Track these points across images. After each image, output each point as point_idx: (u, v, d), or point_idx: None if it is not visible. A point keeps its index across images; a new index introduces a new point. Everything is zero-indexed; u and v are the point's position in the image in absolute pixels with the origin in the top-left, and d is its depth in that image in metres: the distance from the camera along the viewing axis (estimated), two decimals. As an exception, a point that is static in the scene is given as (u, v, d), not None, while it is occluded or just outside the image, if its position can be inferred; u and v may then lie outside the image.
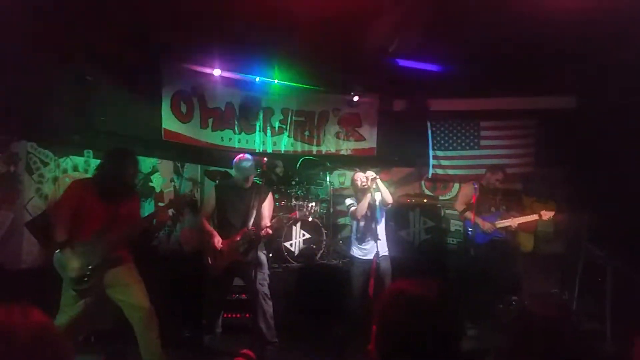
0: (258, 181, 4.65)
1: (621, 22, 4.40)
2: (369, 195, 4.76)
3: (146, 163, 6.08)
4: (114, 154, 3.79)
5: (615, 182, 5.76)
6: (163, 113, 5.88)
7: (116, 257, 3.67)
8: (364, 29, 5.02)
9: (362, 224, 4.91)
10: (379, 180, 4.75)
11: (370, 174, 4.77)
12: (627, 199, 5.48)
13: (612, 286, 4.87)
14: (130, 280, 3.74)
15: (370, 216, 4.84)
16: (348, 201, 5.10)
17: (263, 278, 4.56)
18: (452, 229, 7.08)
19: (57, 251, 3.55)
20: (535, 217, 5.56)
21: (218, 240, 4.46)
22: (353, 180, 5.04)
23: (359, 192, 4.95)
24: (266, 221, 4.54)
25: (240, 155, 4.61)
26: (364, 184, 4.85)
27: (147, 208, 6.02)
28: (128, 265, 3.79)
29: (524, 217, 5.60)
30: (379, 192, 4.75)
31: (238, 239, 4.45)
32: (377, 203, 4.79)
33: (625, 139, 5.54)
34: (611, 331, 4.63)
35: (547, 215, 5.53)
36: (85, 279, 3.55)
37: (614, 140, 5.80)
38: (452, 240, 7.08)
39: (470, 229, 5.59)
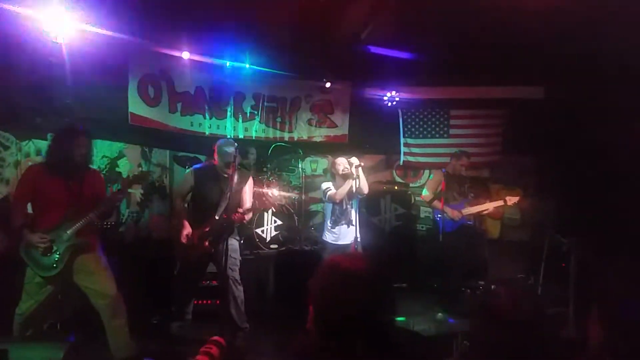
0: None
1: (590, 13, 4.48)
2: (350, 181, 4.75)
3: (112, 148, 5.92)
4: (62, 133, 3.65)
5: (580, 171, 5.93)
6: (130, 96, 5.70)
7: (84, 243, 3.58)
8: (337, 15, 4.98)
9: (337, 208, 4.92)
10: (360, 169, 4.75)
11: (355, 160, 4.74)
12: (591, 188, 5.65)
13: (575, 272, 5.03)
14: (97, 267, 3.66)
15: (347, 202, 4.86)
16: (325, 185, 5.08)
17: (234, 263, 4.51)
18: (422, 215, 7.17)
19: (23, 237, 3.45)
20: (500, 202, 5.69)
21: (188, 232, 4.39)
22: (335, 164, 4.98)
23: (338, 177, 4.92)
24: (246, 205, 4.48)
25: (223, 139, 4.48)
26: (345, 169, 4.83)
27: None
28: (95, 251, 3.70)
29: (490, 203, 5.72)
30: (358, 180, 4.75)
31: (207, 229, 4.39)
32: (354, 190, 4.78)
33: (592, 129, 5.69)
34: (574, 314, 4.79)
35: (511, 200, 5.67)
36: (54, 265, 3.47)
37: (581, 130, 5.95)
38: (422, 227, 7.18)
39: (439, 216, 5.69)
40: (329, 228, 5.01)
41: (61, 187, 3.53)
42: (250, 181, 4.65)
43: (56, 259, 3.47)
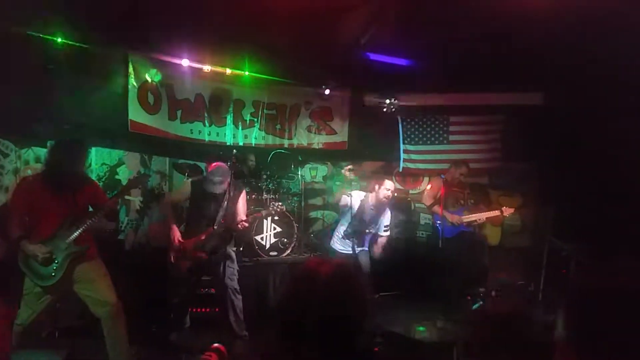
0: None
1: (589, 19, 4.49)
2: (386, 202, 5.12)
3: (112, 155, 5.92)
4: (58, 145, 3.70)
5: (580, 176, 5.92)
6: (129, 104, 5.72)
7: (81, 252, 3.58)
8: (336, 22, 4.99)
9: (356, 221, 5.11)
10: None
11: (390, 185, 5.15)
12: (591, 194, 5.64)
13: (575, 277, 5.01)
14: (96, 276, 3.66)
15: (367, 218, 5.20)
16: (359, 194, 5.31)
17: (232, 273, 4.55)
18: (422, 222, 7.15)
19: (21, 249, 3.45)
20: (497, 213, 5.70)
21: (178, 237, 4.44)
22: (382, 186, 5.17)
23: (379, 201, 5.16)
24: (241, 216, 4.56)
25: (213, 165, 4.57)
26: (388, 196, 5.12)
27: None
28: (94, 259, 3.70)
29: (487, 213, 5.74)
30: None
31: (203, 238, 4.43)
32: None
33: (591, 135, 5.69)
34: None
35: (508, 211, 5.70)
36: (53, 274, 3.46)
37: (580, 136, 5.95)
38: (422, 234, 7.15)
39: (438, 222, 5.68)
40: (341, 237, 5.17)
41: (56, 197, 3.54)
42: (244, 194, 4.75)
43: (55, 267, 3.47)
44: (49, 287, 3.50)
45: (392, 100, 6.97)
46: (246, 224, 4.42)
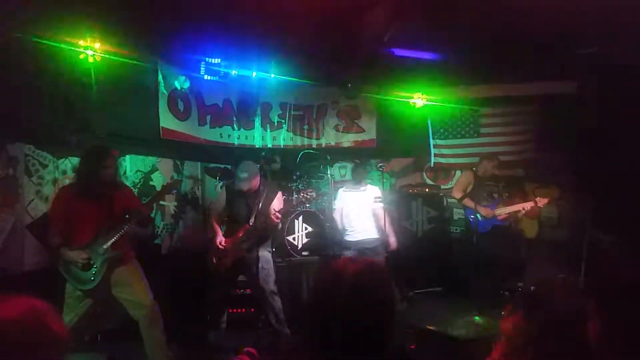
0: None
1: (622, 8, 4.34)
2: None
3: (146, 162, 6.06)
4: (88, 154, 3.79)
5: (618, 166, 5.72)
6: (160, 111, 5.84)
7: (118, 256, 3.69)
8: (359, 19, 4.97)
9: None
10: None
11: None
12: (630, 183, 5.44)
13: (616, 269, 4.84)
14: (133, 279, 3.77)
15: None
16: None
17: (267, 274, 4.58)
18: (455, 217, 7.05)
19: (61, 255, 3.59)
20: (531, 204, 5.55)
21: (220, 240, 4.52)
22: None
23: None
24: (276, 215, 4.57)
25: (243, 161, 4.66)
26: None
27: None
28: (131, 263, 3.82)
29: (519, 205, 5.58)
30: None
31: (240, 234, 4.49)
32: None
33: (627, 123, 5.49)
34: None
35: (542, 202, 5.52)
36: (92, 278, 3.59)
37: (617, 124, 5.75)
38: (456, 229, 7.05)
39: (472, 217, 5.59)
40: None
41: (92, 205, 3.66)
42: (280, 195, 4.77)
43: (93, 272, 3.60)
44: (89, 291, 3.63)
45: (420, 95, 6.90)
46: (279, 216, 4.43)
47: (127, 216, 3.73)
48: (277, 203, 4.67)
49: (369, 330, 1.43)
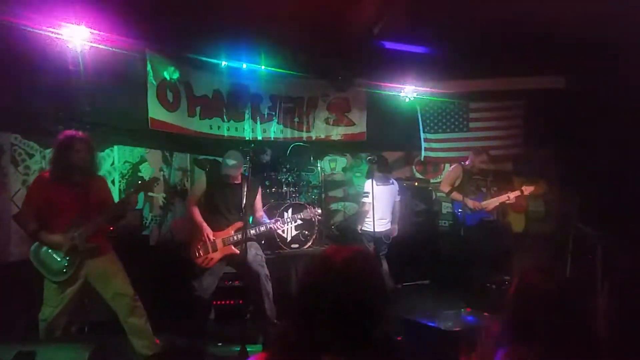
0: (245, 172, 4.68)
1: (610, 3, 4.37)
2: None
3: (134, 153, 6.02)
4: (61, 140, 3.71)
5: (605, 161, 5.78)
6: (149, 102, 5.78)
7: (93, 247, 3.66)
8: (350, 12, 4.96)
9: None
10: None
11: None
12: (616, 178, 5.50)
13: (603, 264, 4.90)
14: (110, 270, 3.75)
15: None
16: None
17: (262, 260, 4.66)
18: (444, 211, 7.09)
19: (32, 245, 3.57)
20: (517, 193, 5.61)
21: (209, 233, 4.51)
22: None
23: None
24: (260, 213, 4.76)
25: (230, 150, 4.70)
26: None
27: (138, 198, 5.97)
28: (108, 255, 3.78)
29: (505, 195, 5.63)
30: None
31: (232, 232, 4.50)
32: None
33: (615, 118, 5.54)
34: (602, 309, 4.67)
35: (528, 190, 5.58)
36: (64, 270, 3.56)
37: (604, 120, 5.80)
38: (444, 223, 7.10)
39: (459, 210, 5.63)
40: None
41: (66, 194, 3.61)
42: (260, 190, 4.90)
43: (66, 264, 3.56)
44: (64, 283, 3.58)
45: (410, 88, 6.91)
46: (282, 226, 4.64)
47: (102, 209, 3.71)
48: (259, 198, 4.78)
49: (357, 318, 1.43)
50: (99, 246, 3.69)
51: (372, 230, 5.33)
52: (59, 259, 3.57)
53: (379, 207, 5.41)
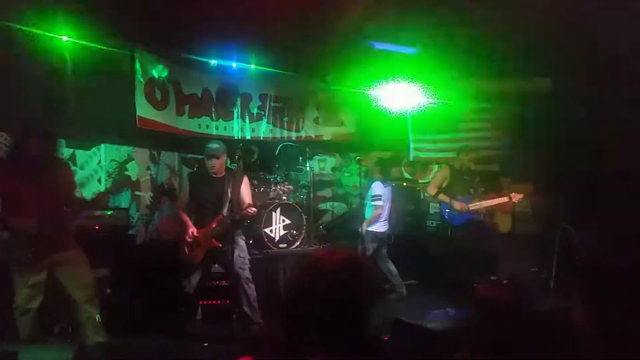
0: (231, 167, 4.67)
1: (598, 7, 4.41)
2: None
3: (121, 151, 5.97)
4: (19, 133, 3.76)
5: (591, 163, 5.84)
6: (137, 100, 5.73)
7: (56, 240, 3.68)
8: (339, 12, 4.96)
9: None
10: None
11: None
12: (603, 181, 5.57)
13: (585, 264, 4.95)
14: (75, 262, 3.78)
15: None
16: None
17: (243, 262, 4.60)
18: (432, 211, 7.12)
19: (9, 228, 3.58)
20: (505, 199, 5.65)
21: (192, 231, 4.47)
22: None
23: None
24: (247, 201, 4.58)
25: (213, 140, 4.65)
26: None
27: (124, 197, 5.94)
28: (73, 249, 3.81)
29: (494, 200, 5.69)
30: None
31: (214, 226, 4.46)
32: None
33: (603, 120, 5.61)
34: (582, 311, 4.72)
35: (516, 197, 5.64)
36: (27, 261, 3.56)
37: (592, 123, 5.86)
38: (431, 223, 7.13)
39: (446, 211, 5.66)
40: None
41: (25, 185, 3.59)
42: (246, 180, 4.76)
43: (29, 255, 3.55)
44: (29, 273, 3.59)
45: (399, 89, 6.92)
46: (254, 209, 4.43)
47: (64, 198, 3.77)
48: (245, 188, 4.66)
49: (346, 320, 1.44)
50: (62, 239, 3.72)
51: (376, 230, 5.82)
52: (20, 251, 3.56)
53: (385, 207, 5.92)
